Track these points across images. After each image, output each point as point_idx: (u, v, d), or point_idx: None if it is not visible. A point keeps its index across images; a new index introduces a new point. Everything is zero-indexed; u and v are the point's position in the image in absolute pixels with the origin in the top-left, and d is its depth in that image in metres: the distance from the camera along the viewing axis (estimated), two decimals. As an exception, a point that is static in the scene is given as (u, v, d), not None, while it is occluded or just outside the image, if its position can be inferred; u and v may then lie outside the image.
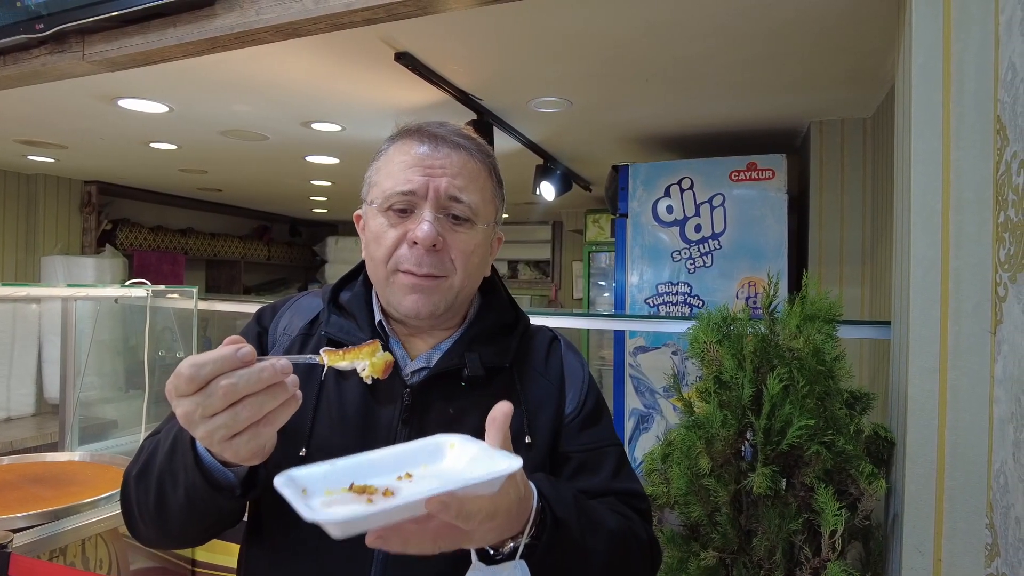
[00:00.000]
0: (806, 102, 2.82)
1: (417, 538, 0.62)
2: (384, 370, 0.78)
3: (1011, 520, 1.01)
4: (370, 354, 0.77)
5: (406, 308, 0.88)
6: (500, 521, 0.65)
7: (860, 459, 1.31)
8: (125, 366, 3.06)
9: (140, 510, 0.82)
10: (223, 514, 0.79)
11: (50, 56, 1.97)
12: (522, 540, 0.70)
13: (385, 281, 0.90)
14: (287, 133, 3.48)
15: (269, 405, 0.65)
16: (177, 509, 0.76)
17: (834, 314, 1.43)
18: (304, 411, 0.87)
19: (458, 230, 0.88)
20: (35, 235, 4.81)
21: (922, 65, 1.24)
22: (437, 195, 0.87)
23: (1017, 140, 1.02)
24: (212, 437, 0.65)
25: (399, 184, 0.87)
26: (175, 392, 0.64)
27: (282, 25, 1.67)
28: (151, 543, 0.88)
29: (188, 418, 0.64)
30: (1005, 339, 1.07)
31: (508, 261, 7.39)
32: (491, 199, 0.94)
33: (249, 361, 0.64)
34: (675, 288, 3.12)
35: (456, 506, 0.58)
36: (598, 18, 1.96)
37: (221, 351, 0.64)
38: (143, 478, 0.81)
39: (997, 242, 1.13)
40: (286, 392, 0.67)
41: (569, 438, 0.94)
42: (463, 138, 0.93)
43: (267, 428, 0.67)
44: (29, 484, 1.88)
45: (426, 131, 0.91)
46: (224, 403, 0.63)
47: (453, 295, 0.90)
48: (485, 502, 0.62)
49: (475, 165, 0.91)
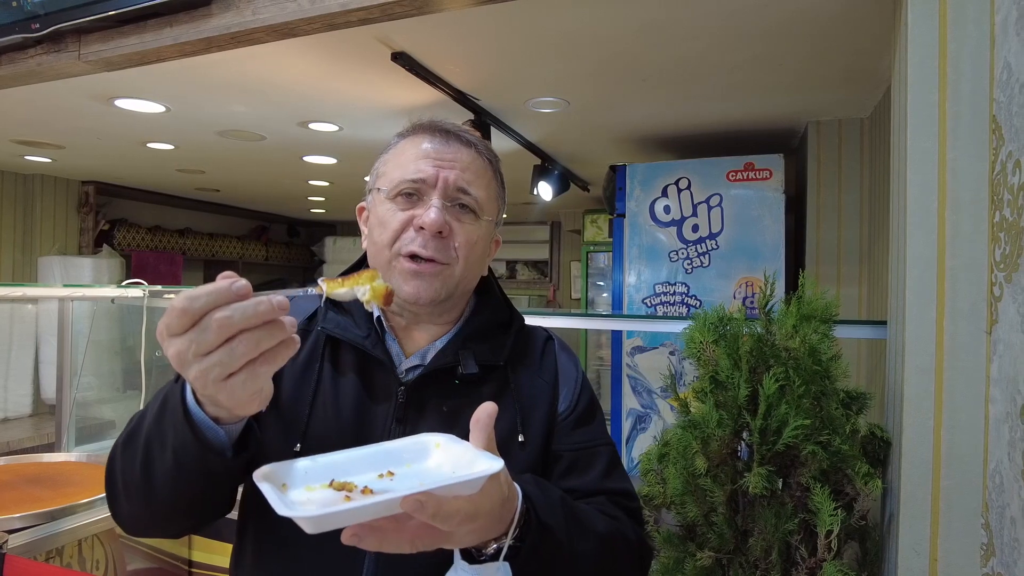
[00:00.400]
0: (803, 102, 2.83)
1: (394, 537, 0.62)
2: (385, 298, 0.75)
3: (1006, 520, 1.01)
4: (370, 278, 0.74)
5: (407, 293, 0.88)
6: (482, 522, 0.65)
7: (856, 459, 1.31)
8: (122, 366, 3.05)
9: (125, 481, 0.77)
10: (212, 480, 0.74)
11: (46, 56, 1.97)
12: (506, 542, 0.70)
13: (387, 265, 0.90)
14: (284, 133, 3.48)
15: (266, 342, 0.62)
16: (164, 474, 0.72)
17: (830, 314, 1.42)
18: (300, 406, 0.88)
19: (464, 220, 0.91)
20: (32, 235, 4.80)
21: (918, 65, 1.24)
22: (446, 185, 0.89)
23: (1012, 140, 1.02)
24: (206, 377, 0.61)
25: (409, 173, 0.90)
26: (167, 331, 0.60)
27: (278, 25, 1.67)
28: (135, 525, 0.83)
29: (181, 358, 0.60)
30: (1001, 339, 1.07)
31: (506, 261, 7.39)
32: (495, 198, 0.97)
33: (245, 294, 0.60)
34: (672, 288, 3.12)
35: (433, 506, 0.58)
36: (595, 18, 1.96)
37: (215, 284, 0.60)
38: (129, 444, 0.77)
39: (992, 242, 1.13)
40: (283, 331, 0.63)
41: (561, 437, 0.94)
42: (473, 137, 0.96)
43: (264, 367, 0.63)
44: (25, 485, 1.88)
45: (438, 127, 0.95)
46: (219, 338, 0.59)
47: (454, 284, 0.90)
48: (464, 503, 0.61)
49: (482, 163, 0.95)
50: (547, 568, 0.75)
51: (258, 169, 4.58)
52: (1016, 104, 1.01)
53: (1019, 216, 0.99)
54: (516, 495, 0.72)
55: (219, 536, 2.15)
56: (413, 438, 0.71)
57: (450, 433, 0.75)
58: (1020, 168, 0.98)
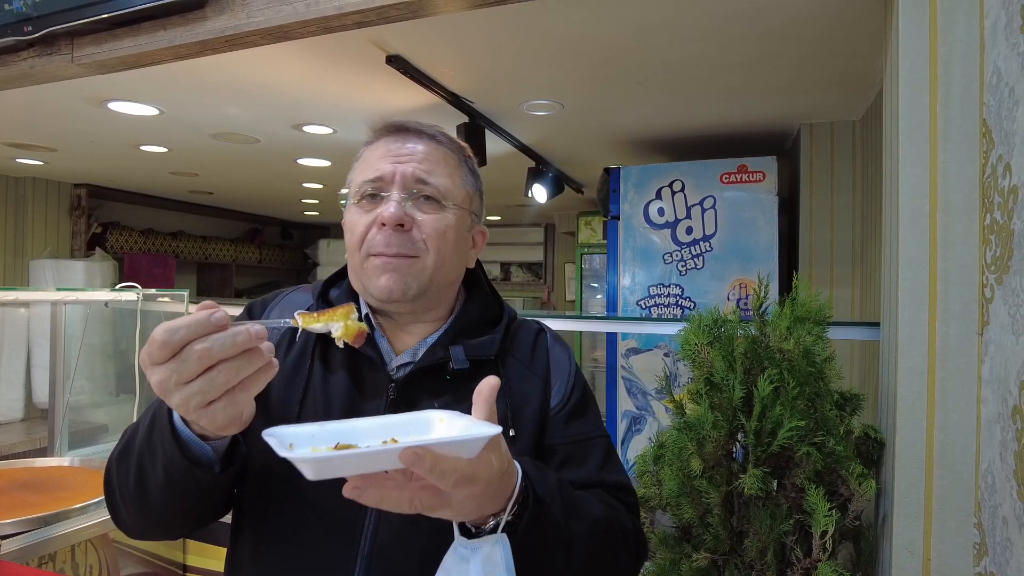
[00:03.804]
0: (796, 105, 2.84)
1: (394, 494, 0.63)
2: (356, 337, 0.77)
3: (998, 519, 1.02)
4: (344, 315, 0.77)
5: (379, 289, 0.88)
6: (479, 488, 0.65)
7: (850, 460, 1.32)
8: (115, 370, 3.04)
9: (122, 493, 0.80)
10: (203, 493, 0.77)
11: (39, 58, 1.96)
12: (503, 517, 0.71)
13: (360, 268, 0.91)
14: (278, 136, 3.48)
15: (245, 370, 0.65)
16: (157, 488, 0.75)
17: (824, 315, 1.43)
18: (291, 405, 0.88)
19: (427, 211, 0.90)
20: (24, 238, 4.77)
21: (909, 69, 1.25)
22: (404, 179, 0.89)
23: (1003, 143, 1.04)
24: (187, 404, 0.64)
25: (367, 173, 0.91)
26: (149, 360, 0.63)
27: (272, 28, 1.67)
28: (136, 531, 0.86)
29: (163, 386, 0.63)
30: (992, 340, 1.08)
31: (501, 263, 7.39)
32: (461, 185, 0.95)
33: (223, 325, 0.63)
34: (667, 290, 3.13)
35: (430, 460, 0.59)
36: (589, 21, 1.97)
37: (195, 316, 0.63)
38: (123, 459, 0.80)
39: (983, 244, 1.14)
40: (262, 358, 0.66)
41: (555, 431, 0.94)
42: (432, 130, 0.95)
43: (243, 394, 0.66)
44: (18, 490, 1.87)
45: (395, 126, 0.95)
46: (199, 368, 0.62)
47: (427, 277, 0.89)
48: (462, 464, 0.62)
49: (443, 151, 0.94)
50: (544, 546, 0.75)
51: (252, 172, 4.57)
52: (1006, 108, 1.02)
53: (1010, 219, 1.00)
54: (515, 471, 0.73)
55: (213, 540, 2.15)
56: (417, 413, 0.72)
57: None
58: (1011, 171, 1.00)
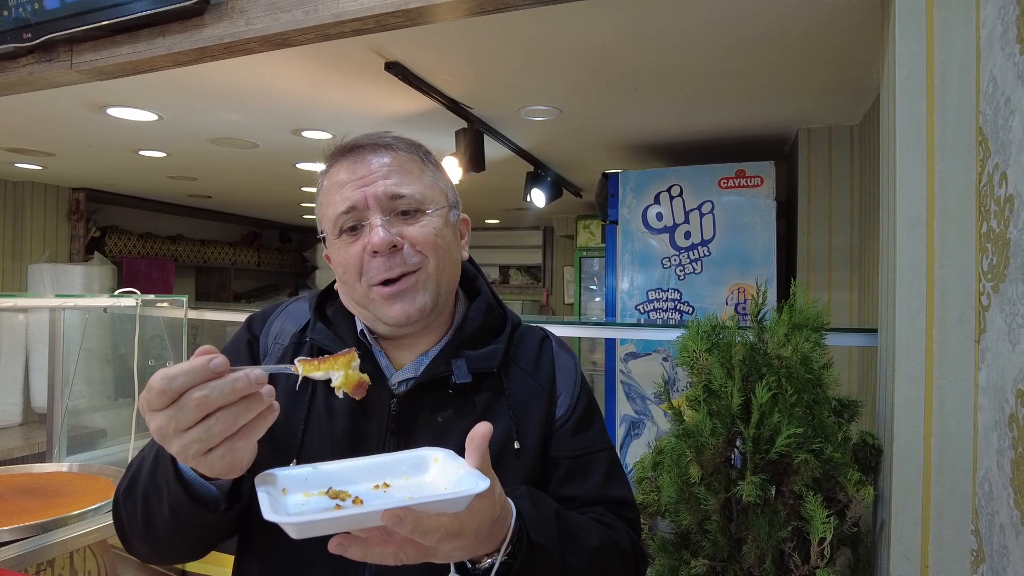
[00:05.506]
0: (794, 110, 2.85)
1: (378, 548, 0.63)
2: (355, 388, 0.74)
3: (996, 527, 1.03)
4: (345, 364, 0.75)
5: (395, 318, 0.87)
6: (467, 540, 0.65)
7: (848, 467, 1.32)
8: (114, 375, 3.04)
9: (131, 527, 0.81)
10: (211, 528, 0.77)
11: (38, 65, 1.96)
12: (498, 558, 0.71)
13: (366, 299, 0.89)
14: (277, 141, 3.48)
15: (244, 417, 0.64)
16: (164, 525, 0.75)
17: (821, 322, 1.44)
18: (294, 424, 0.88)
19: (411, 223, 0.88)
20: (22, 242, 4.77)
21: (905, 77, 1.25)
22: (378, 200, 0.87)
23: (999, 152, 1.04)
24: (186, 452, 0.63)
25: (340, 207, 0.88)
26: (147, 407, 0.62)
27: (271, 36, 1.67)
28: (147, 559, 0.87)
29: (161, 433, 0.62)
30: (989, 348, 1.09)
31: (499, 266, 7.39)
32: (433, 184, 0.93)
33: (222, 372, 0.62)
34: (665, 294, 3.14)
35: (412, 521, 0.59)
36: (587, 28, 1.98)
37: (193, 362, 0.62)
38: (130, 495, 0.80)
39: (980, 252, 1.15)
40: (261, 403, 0.65)
41: (560, 443, 0.93)
42: (386, 139, 0.93)
43: (243, 441, 0.65)
44: (16, 496, 1.86)
45: (347, 147, 0.93)
46: (197, 416, 0.61)
47: (434, 285, 0.89)
48: (446, 520, 0.62)
49: (403, 157, 0.92)
50: None
51: (250, 176, 4.57)
52: (1001, 117, 1.03)
53: (1006, 227, 1.00)
54: (509, 513, 0.72)
55: (213, 546, 2.14)
56: (413, 451, 0.72)
57: (445, 443, 0.76)
58: (1007, 180, 1.00)
